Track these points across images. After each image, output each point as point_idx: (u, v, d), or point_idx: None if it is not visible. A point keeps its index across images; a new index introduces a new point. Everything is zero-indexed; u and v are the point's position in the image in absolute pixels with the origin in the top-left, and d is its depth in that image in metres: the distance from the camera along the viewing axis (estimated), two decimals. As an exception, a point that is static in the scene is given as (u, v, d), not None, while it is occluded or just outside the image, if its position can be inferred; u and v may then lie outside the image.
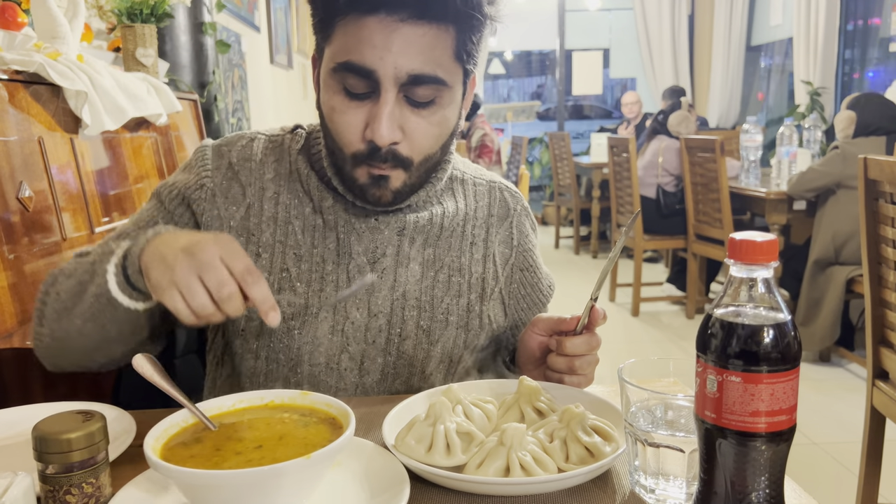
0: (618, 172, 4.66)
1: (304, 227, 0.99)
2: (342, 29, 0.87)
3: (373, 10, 0.84)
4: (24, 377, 1.26)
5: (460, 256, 1.04)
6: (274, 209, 1.00)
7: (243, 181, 1.00)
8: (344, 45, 0.86)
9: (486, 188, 1.10)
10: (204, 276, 0.74)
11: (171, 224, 1.00)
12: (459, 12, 0.85)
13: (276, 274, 0.98)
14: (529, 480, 0.71)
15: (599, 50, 8.44)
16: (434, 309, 1.02)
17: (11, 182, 1.39)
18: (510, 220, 1.10)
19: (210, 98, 2.91)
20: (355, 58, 0.85)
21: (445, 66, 0.88)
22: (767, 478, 0.59)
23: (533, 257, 1.13)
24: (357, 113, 0.89)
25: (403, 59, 0.85)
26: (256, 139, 1.04)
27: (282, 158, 1.02)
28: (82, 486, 0.66)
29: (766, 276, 0.59)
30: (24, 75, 1.51)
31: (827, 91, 5.48)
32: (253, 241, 0.99)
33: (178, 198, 1.01)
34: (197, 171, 1.01)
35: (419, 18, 0.84)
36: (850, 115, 3.47)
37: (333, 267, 0.99)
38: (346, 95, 0.89)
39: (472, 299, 1.04)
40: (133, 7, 2.19)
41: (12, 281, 1.33)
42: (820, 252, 3.45)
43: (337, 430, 0.69)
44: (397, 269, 1.00)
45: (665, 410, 0.73)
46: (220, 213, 0.99)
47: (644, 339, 4.13)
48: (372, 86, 0.87)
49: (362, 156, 0.91)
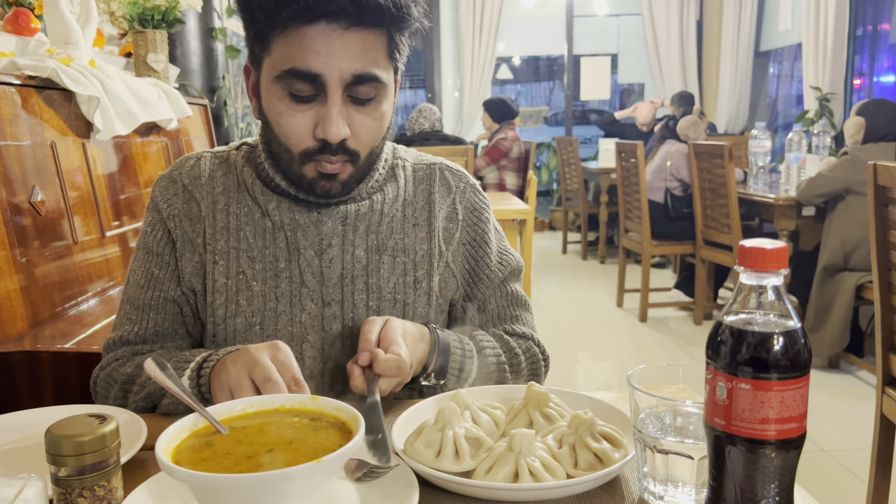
0: (626, 177, 4.65)
1: (255, 232, 1.05)
2: (282, 39, 0.92)
3: (314, 20, 0.90)
4: (35, 379, 1.27)
5: (403, 238, 1.09)
6: (226, 219, 1.06)
7: (197, 198, 1.07)
8: (287, 54, 0.92)
9: (427, 171, 1.15)
10: (253, 374, 0.85)
11: (165, 266, 1.07)
12: (393, 17, 0.93)
13: (232, 277, 1.04)
14: (538, 486, 0.71)
15: (607, 55, 8.43)
16: (382, 290, 1.07)
17: (24, 186, 1.40)
18: (452, 196, 1.14)
19: (220, 103, 2.93)
20: (300, 64, 0.91)
21: (382, 65, 0.95)
22: (777, 485, 0.59)
23: (482, 233, 1.15)
24: (305, 115, 0.95)
25: (346, 62, 0.92)
26: (202, 158, 1.11)
27: (229, 172, 1.09)
28: (94, 488, 0.66)
29: (775, 284, 0.59)
30: (37, 80, 1.52)
31: (836, 97, 5.46)
32: (209, 251, 1.05)
33: (163, 236, 1.07)
34: (162, 206, 1.08)
35: (357, 25, 0.91)
36: (860, 120, 3.46)
37: (286, 264, 1.05)
38: (293, 100, 0.94)
39: (420, 276, 1.09)
40: (144, 13, 2.20)
41: (24, 284, 1.34)
42: (829, 258, 3.44)
43: (346, 434, 0.69)
44: (344, 258, 1.06)
45: (674, 417, 0.73)
46: (189, 234, 1.06)
47: (652, 344, 4.12)
48: (317, 89, 0.93)
49: (311, 152, 0.97)
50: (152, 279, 1.06)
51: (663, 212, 4.60)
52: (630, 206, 4.66)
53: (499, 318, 1.15)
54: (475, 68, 7.57)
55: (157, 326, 1.06)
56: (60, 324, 1.40)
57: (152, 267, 1.07)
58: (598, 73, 8.18)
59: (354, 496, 0.71)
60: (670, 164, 4.59)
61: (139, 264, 1.09)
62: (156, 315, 1.06)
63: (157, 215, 1.08)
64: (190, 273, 1.06)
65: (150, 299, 1.06)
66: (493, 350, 1.08)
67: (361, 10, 0.90)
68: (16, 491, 0.60)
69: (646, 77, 8.37)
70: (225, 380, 0.87)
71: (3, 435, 0.87)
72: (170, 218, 1.07)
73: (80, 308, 1.50)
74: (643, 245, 4.45)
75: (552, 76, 9.59)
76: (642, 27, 7.80)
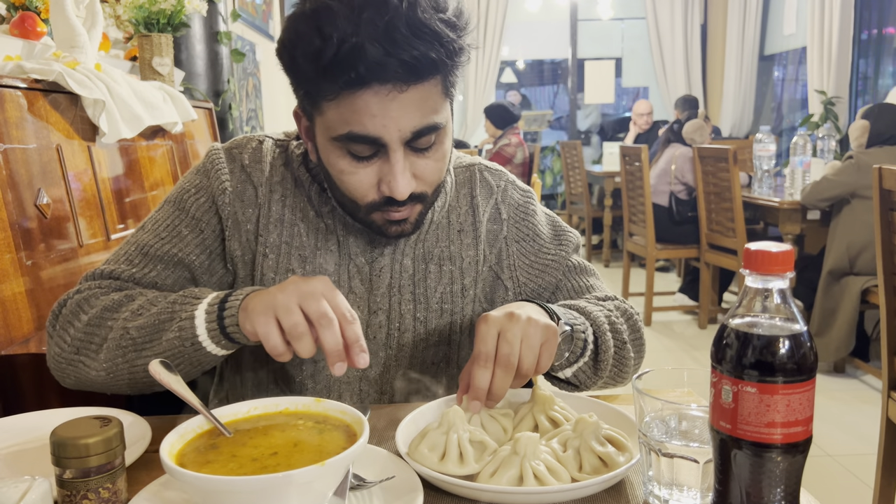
0: (630, 181, 4.64)
1: (308, 230, 1.02)
2: (334, 104, 0.87)
3: (365, 85, 0.84)
4: (40, 382, 1.28)
5: (450, 245, 1.07)
6: (281, 211, 1.02)
7: (255, 182, 1.03)
8: (341, 118, 0.87)
9: (467, 174, 1.12)
10: (304, 304, 0.77)
11: (197, 231, 1.01)
12: (445, 63, 0.87)
13: (281, 274, 1.01)
14: (542, 490, 0.71)
15: (612, 59, 8.43)
16: (429, 300, 1.05)
17: (30, 189, 1.40)
18: (495, 197, 1.12)
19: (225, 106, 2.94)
20: (357, 129, 0.87)
21: (439, 108, 0.90)
22: (783, 489, 0.58)
23: (532, 226, 1.12)
24: (368, 172, 0.91)
25: (404, 120, 0.87)
26: (264, 142, 1.06)
27: (288, 163, 1.05)
28: (99, 490, 0.66)
29: (781, 287, 0.59)
30: (43, 84, 1.53)
31: (841, 100, 5.45)
32: (261, 242, 1.01)
33: (207, 203, 1.02)
34: (216, 176, 1.02)
35: (411, 82, 0.85)
36: (864, 124, 3.46)
37: (335, 268, 1.02)
38: (353, 159, 0.90)
39: (467, 283, 1.07)
40: (150, 17, 2.21)
41: (29, 287, 1.34)
42: (834, 262, 3.43)
43: (351, 437, 0.70)
44: (393, 267, 1.04)
45: (679, 420, 0.73)
46: (239, 216, 1.02)
47: (656, 348, 4.11)
48: (377, 147, 0.89)
49: (378, 204, 0.93)
50: (177, 236, 1.00)
51: (668, 215, 4.59)
52: (634, 210, 4.66)
53: (576, 293, 1.11)
54: (479, 72, 7.58)
55: (159, 279, 0.98)
56: (65, 326, 1.40)
57: (181, 226, 1.01)
58: (603, 76, 8.18)
59: (358, 498, 0.71)
60: (675, 167, 4.59)
61: (165, 216, 1.02)
62: (163, 269, 0.99)
63: (206, 182, 1.02)
64: (238, 257, 1.02)
65: (165, 253, 0.99)
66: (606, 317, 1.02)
67: (414, 70, 0.84)
68: (21, 492, 0.60)
69: (650, 81, 8.37)
70: (269, 301, 0.79)
71: (8, 437, 0.87)
72: (221, 192, 1.01)
73: (85, 311, 1.50)
74: (647, 249, 4.45)
75: (556, 80, 9.59)
76: (646, 31, 7.81)
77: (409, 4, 0.83)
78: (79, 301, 0.95)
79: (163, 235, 1.00)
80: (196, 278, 1.01)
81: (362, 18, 0.81)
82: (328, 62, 0.83)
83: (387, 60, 0.82)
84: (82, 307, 0.94)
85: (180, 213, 1.02)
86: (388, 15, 0.82)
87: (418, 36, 0.83)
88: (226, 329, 0.85)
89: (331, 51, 0.82)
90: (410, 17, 0.82)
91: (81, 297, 0.95)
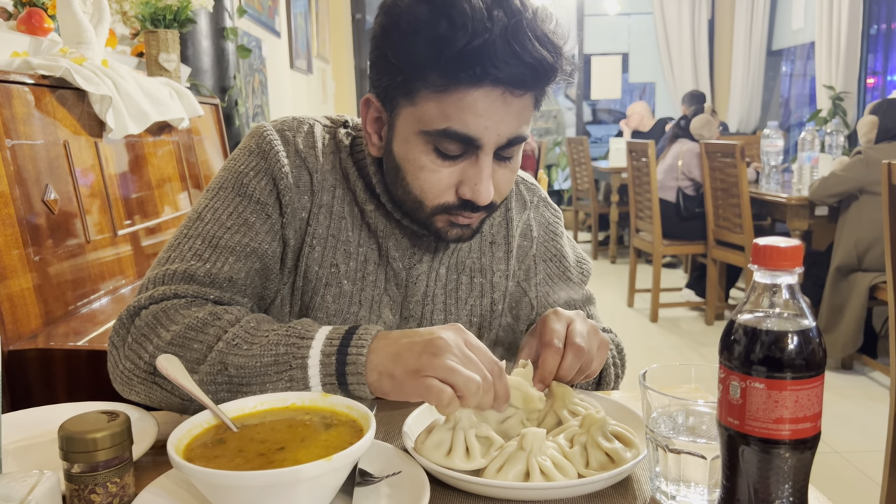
0: (637, 177, 4.63)
1: (354, 224, 0.99)
2: (435, 96, 0.84)
3: (480, 83, 0.83)
4: (48, 377, 1.28)
5: (481, 257, 1.07)
6: (331, 201, 0.98)
7: (310, 168, 0.98)
8: (441, 112, 0.85)
9: None
10: (466, 363, 0.75)
11: (264, 216, 0.95)
12: (557, 73, 0.87)
13: (325, 268, 0.98)
14: (549, 486, 0.71)
15: (618, 54, 8.40)
16: (459, 311, 1.05)
17: (37, 185, 1.41)
18: (528, 212, 1.12)
19: (231, 102, 2.94)
20: (458, 126, 0.85)
21: (528, 121, 0.90)
22: (791, 486, 0.58)
23: (558, 246, 1.13)
24: (450, 172, 0.89)
25: (504, 126, 0.86)
26: (315, 126, 1.01)
27: (337, 151, 1.01)
28: (107, 485, 0.66)
29: (790, 282, 0.58)
30: (51, 80, 1.53)
31: (849, 96, 5.42)
32: (310, 232, 0.97)
33: (269, 186, 0.95)
34: (275, 157, 0.96)
35: (522, 89, 0.85)
36: (873, 119, 3.43)
37: (374, 267, 1.00)
38: (438, 156, 0.88)
39: (496, 297, 1.07)
40: (156, 13, 2.22)
41: (37, 282, 1.35)
42: (842, 258, 3.41)
43: (357, 432, 0.70)
44: (429, 274, 1.03)
45: (686, 416, 0.72)
46: (295, 203, 0.96)
47: (663, 345, 4.10)
48: (467, 148, 0.87)
49: (449, 207, 0.91)
50: (245, 224, 0.93)
51: (675, 211, 4.58)
52: (641, 206, 4.64)
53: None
54: (485, 68, 7.55)
55: (234, 273, 0.91)
56: (73, 322, 1.41)
57: (247, 212, 0.94)
58: (609, 72, 8.16)
59: (365, 493, 0.71)
60: (682, 163, 4.57)
61: (226, 204, 0.94)
62: (235, 262, 0.91)
63: (264, 164, 0.96)
64: (291, 247, 0.97)
65: (236, 243, 0.92)
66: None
67: (535, 76, 0.84)
68: (29, 487, 0.60)
69: (657, 76, 8.34)
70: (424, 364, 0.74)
71: (16, 431, 0.87)
72: (281, 176, 0.95)
73: (92, 306, 1.51)
74: (654, 245, 4.43)
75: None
76: (653, 26, 7.78)
77: (533, 13, 0.83)
78: (156, 313, 0.86)
79: (228, 225, 0.93)
80: (268, 268, 0.95)
81: (494, 16, 0.80)
82: (454, 52, 0.80)
83: (514, 62, 0.81)
84: (161, 321, 0.85)
85: (242, 198, 0.95)
86: (515, 17, 0.81)
87: (543, 44, 0.83)
88: (348, 386, 0.79)
89: (461, 41, 0.80)
90: (535, 24, 0.82)
91: (159, 309, 0.86)
